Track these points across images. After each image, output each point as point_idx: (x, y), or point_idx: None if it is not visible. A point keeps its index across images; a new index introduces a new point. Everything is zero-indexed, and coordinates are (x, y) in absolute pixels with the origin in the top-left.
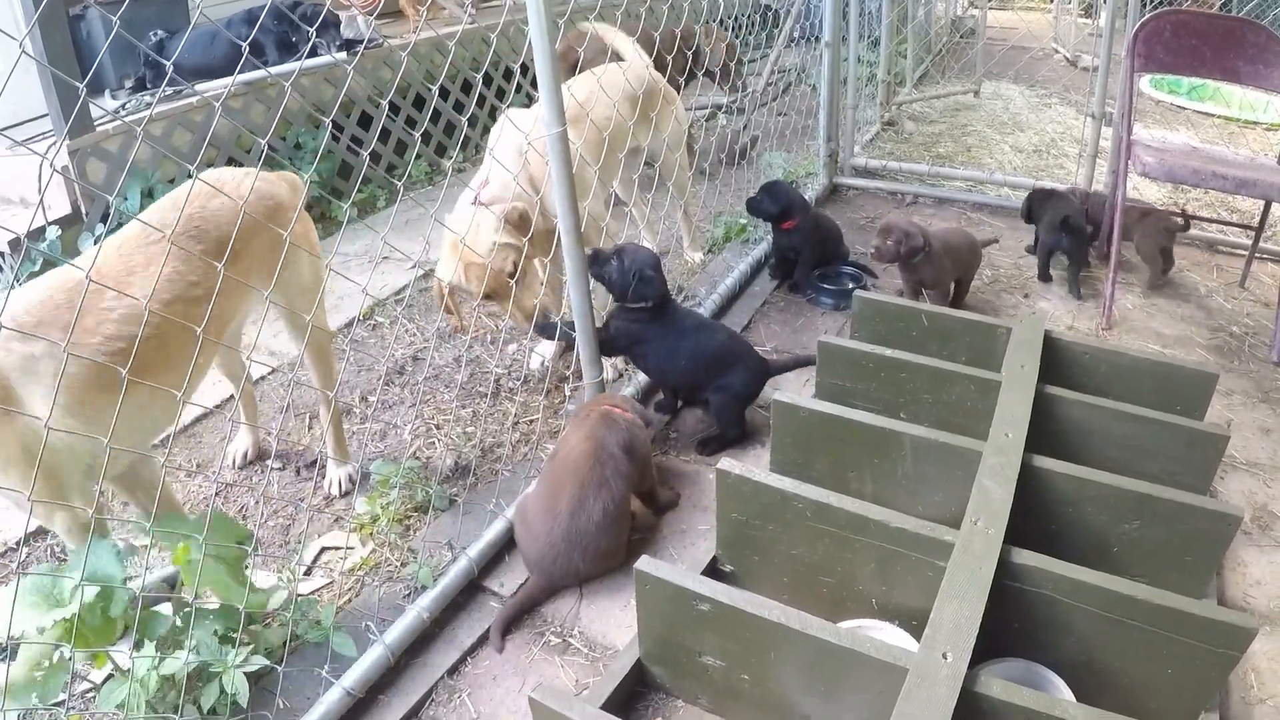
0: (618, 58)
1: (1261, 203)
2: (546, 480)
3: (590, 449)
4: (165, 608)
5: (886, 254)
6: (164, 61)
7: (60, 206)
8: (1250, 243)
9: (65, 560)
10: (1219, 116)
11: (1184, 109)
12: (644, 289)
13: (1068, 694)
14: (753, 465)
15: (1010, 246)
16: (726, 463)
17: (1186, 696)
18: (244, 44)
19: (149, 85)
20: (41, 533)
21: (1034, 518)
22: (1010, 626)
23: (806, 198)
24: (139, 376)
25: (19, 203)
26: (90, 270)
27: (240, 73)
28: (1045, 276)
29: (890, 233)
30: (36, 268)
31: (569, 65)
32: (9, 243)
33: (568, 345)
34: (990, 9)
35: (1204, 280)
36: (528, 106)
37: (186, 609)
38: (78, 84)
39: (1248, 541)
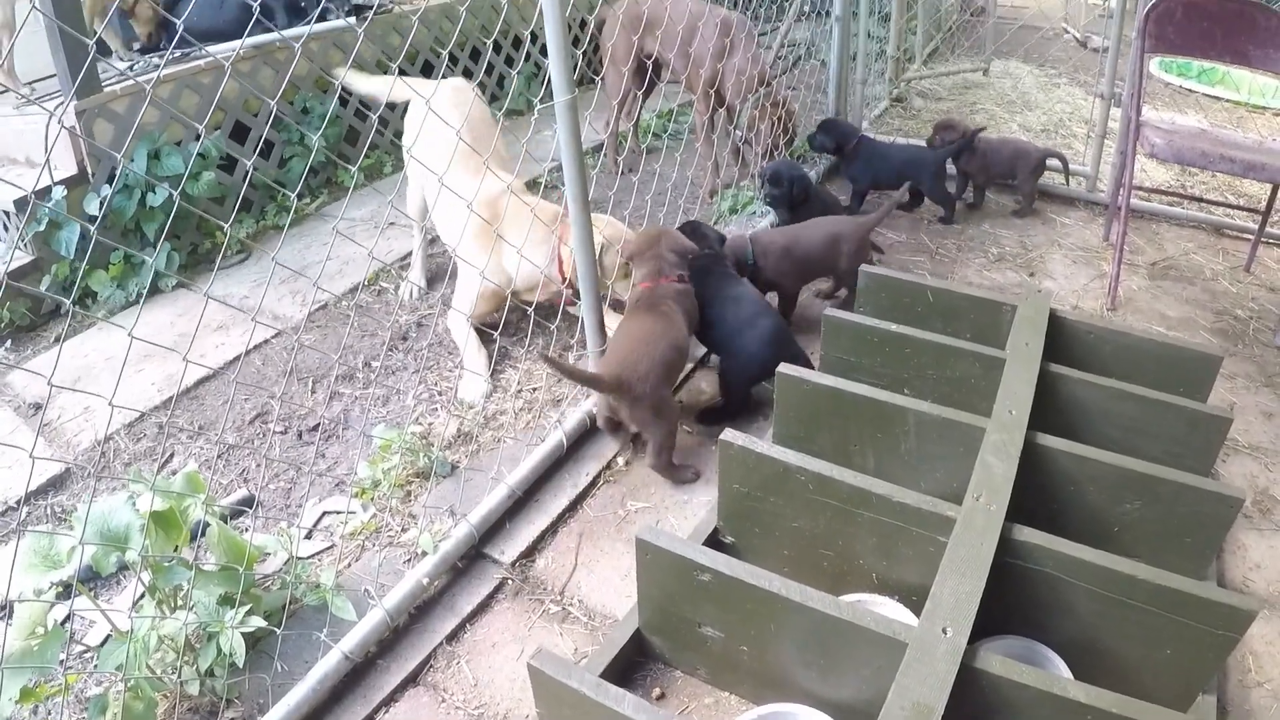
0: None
1: (1268, 186)
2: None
3: (655, 301)
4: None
5: (935, 146)
6: (174, 20)
7: (66, 166)
8: (1257, 226)
9: (66, 520)
10: (1228, 101)
11: (1193, 92)
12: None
13: (1066, 673)
14: (755, 438)
15: (1018, 224)
16: (729, 433)
17: (1185, 678)
18: (255, 4)
19: (158, 47)
20: (42, 491)
21: (1036, 495)
22: (1010, 604)
23: (811, 174)
24: None
25: (24, 162)
26: None
27: (249, 36)
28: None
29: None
30: (42, 227)
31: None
32: (14, 201)
33: None
34: None
35: (1209, 263)
36: (536, 74)
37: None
38: (87, 40)
39: (1248, 525)
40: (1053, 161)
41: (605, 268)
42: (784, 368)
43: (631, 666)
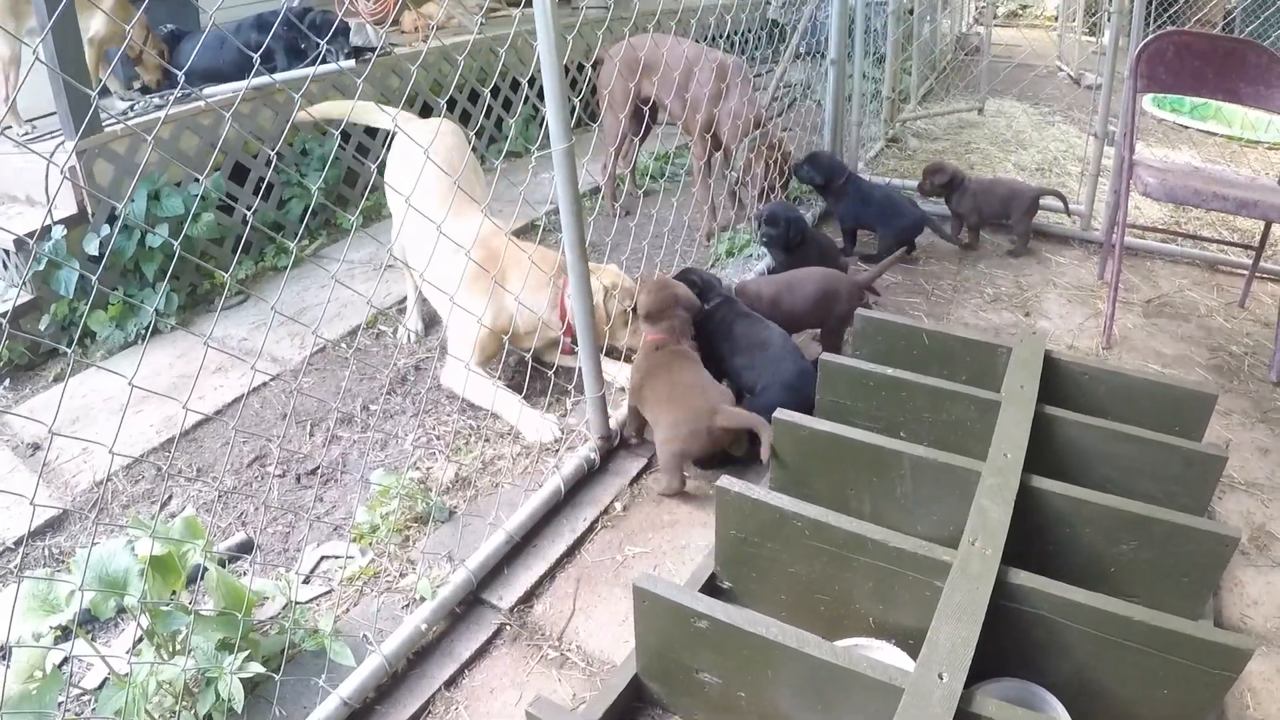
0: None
1: (1262, 222)
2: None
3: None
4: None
5: (925, 190)
6: (175, 71)
7: (66, 206)
8: (1251, 262)
9: (64, 563)
10: (1221, 135)
11: (1186, 128)
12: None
13: (1063, 714)
14: (752, 483)
15: (1013, 264)
16: (726, 480)
17: (1182, 717)
18: (255, 55)
19: (159, 88)
20: (40, 532)
21: (1032, 538)
22: (1007, 646)
23: (807, 216)
24: None
25: (25, 200)
26: None
27: (250, 79)
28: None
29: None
30: (41, 266)
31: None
32: (14, 241)
33: None
34: (995, 26)
35: (1204, 299)
36: (534, 116)
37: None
38: (89, 90)
39: (1245, 561)
40: (1050, 201)
41: (608, 315)
42: (780, 413)
43: (629, 712)
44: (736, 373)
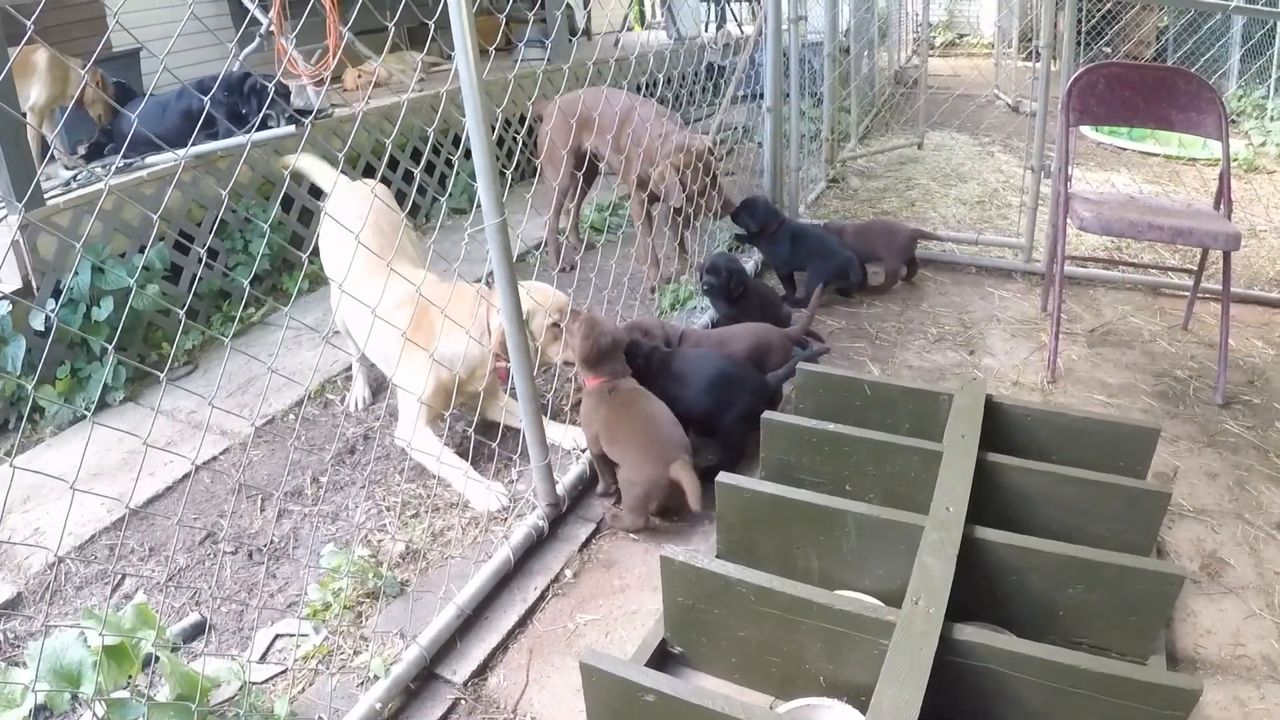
0: None
1: None
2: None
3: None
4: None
5: None
6: (109, 163)
7: (10, 280)
8: (1192, 284)
9: (18, 649)
10: (1159, 156)
11: (1124, 150)
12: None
13: None
14: (701, 544)
15: (957, 302)
16: (670, 549)
17: None
18: (191, 135)
19: (103, 153)
20: None
21: (979, 587)
22: (958, 697)
23: (750, 266)
24: None
25: None
26: None
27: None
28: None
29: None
30: None
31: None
32: None
33: None
34: (932, 57)
35: (1147, 325)
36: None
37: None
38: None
39: (1197, 590)
40: (990, 236)
41: (533, 333)
42: (723, 476)
43: None
44: (674, 393)
